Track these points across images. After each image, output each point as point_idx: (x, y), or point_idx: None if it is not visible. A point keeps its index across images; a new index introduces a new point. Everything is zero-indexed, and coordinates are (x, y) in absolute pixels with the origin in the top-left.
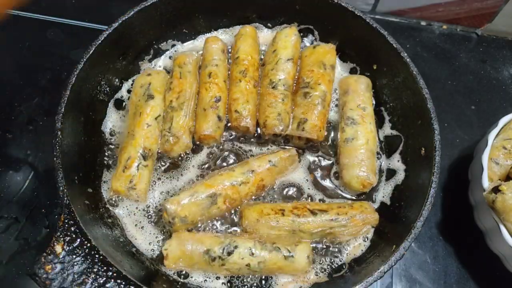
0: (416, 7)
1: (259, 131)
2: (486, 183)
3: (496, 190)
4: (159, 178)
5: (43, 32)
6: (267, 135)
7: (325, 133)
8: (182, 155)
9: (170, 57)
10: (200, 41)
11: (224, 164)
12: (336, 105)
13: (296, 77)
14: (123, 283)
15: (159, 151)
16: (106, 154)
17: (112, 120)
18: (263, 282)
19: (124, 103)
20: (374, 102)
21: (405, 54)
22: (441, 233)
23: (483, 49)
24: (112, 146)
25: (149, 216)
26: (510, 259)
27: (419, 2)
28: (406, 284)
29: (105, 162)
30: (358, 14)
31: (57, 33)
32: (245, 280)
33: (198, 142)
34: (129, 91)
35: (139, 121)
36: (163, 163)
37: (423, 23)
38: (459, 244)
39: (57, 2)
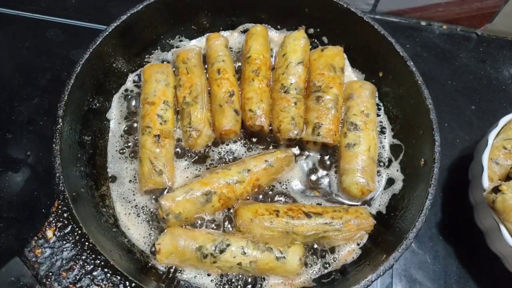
0: (416, 7)
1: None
2: (486, 183)
3: (496, 190)
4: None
5: (43, 32)
6: (282, 140)
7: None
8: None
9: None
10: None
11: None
12: None
13: (306, 80)
14: (110, 272)
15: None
16: (108, 143)
17: (118, 112)
18: (253, 282)
19: (129, 96)
20: (381, 109)
21: (411, 63)
22: (441, 233)
23: (483, 49)
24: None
25: (144, 209)
26: (510, 259)
27: (419, 2)
28: (406, 284)
29: (106, 152)
30: (366, 20)
31: (57, 33)
32: (234, 280)
33: (218, 139)
34: (136, 84)
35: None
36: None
37: (423, 23)
38: (459, 244)
39: (57, 2)
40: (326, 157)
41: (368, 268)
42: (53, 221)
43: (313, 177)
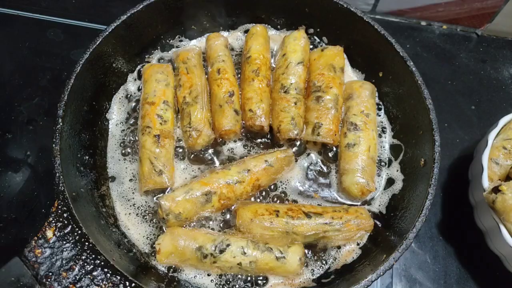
0: (416, 7)
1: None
2: (486, 183)
3: (496, 190)
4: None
5: (43, 32)
6: (282, 140)
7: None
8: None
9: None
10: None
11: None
12: None
13: (306, 80)
14: (110, 272)
15: (184, 148)
16: (108, 144)
17: (118, 112)
18: (253, 282)
19: (129, 96)
20: (381, 109)
21: (411, 63)
22: (441, 233)
23: (483, 49)
24: (116, 137)
25: (143, 209)
26: (510, 259)
27: (419, 2)
28: (406, 284)
29: (106, 152)
30: (366, 20)
31: (57, 33)
32: (234, 280)
33: (218, 139)
34: (136, 84)
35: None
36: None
37: (423, 23)
38: (459, 244)
39: (57, 2)
40: (326, 157)
41: (368, 268)
42: (53, 221)
43: (313, 177)
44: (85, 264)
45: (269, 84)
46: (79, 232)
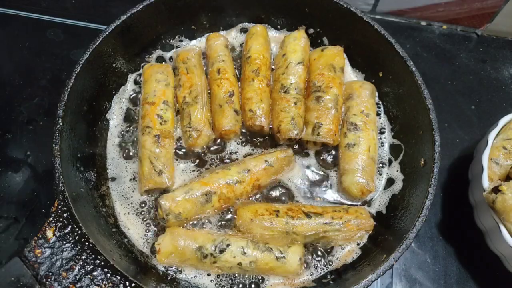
0: (416, 7)
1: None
2: (486, 183)
3: (496, 190)
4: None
5: (43, 32)
6: (282, 140)
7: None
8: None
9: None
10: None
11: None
12: None
13: (306, 80)
14: (110, 272)
15: (184, 148)
16: (108, 143)
17: (118, 112)
18: (253, 282)
19: (129, 96)
20: (381, 109)
21: (411, 63)
22: (441, 233)
23: (483, 49)
24: (115, 137)
25: (143, 209)
26: (510, 259)
27: (419, 2)
28: (406, 284)
29: (106, 152)
30: (366, 20)
31: (57, 33)
32: (234, 279)
33: (218, 139)
34: (136, 84)
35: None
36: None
37: (423, 23)
38: (459, 244)
39: (57, 2)
40: (326, 157)
41: (368, 268)
42: (53, 221)
43: (313, 177)
44: (85, 264)
45: (269, 84)
46: (79, 232)
